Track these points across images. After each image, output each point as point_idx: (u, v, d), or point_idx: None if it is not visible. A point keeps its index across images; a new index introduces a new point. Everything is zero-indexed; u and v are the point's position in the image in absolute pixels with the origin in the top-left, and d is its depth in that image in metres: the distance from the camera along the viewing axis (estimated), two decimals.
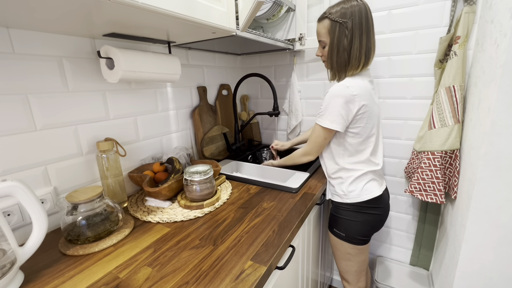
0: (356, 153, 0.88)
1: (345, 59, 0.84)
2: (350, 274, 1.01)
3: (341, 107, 0.81)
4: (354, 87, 0.81)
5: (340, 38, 0.82)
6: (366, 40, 0.82)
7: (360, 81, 0.84)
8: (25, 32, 0.66)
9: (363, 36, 0.81)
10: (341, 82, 0.83)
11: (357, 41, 0.81)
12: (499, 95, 0.65)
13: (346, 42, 0.82)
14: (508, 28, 0.63)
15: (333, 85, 0.84)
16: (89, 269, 0.58)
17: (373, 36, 0.84)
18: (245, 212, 0.81)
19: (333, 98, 0.81)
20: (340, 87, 0.81)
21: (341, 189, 0.92)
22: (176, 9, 0.60)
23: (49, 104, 0.72)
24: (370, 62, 0.86)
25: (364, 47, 0.82)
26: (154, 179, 0.92)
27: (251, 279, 0.53)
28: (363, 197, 0.89)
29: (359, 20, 0.79)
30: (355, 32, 0.80)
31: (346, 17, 0.80)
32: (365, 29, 0.81)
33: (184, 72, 1.15)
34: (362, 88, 0.82)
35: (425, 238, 1.25)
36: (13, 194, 0.52)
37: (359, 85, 0.82)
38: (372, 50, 0.85)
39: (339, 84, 0.82)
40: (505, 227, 0.72)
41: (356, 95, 0.80)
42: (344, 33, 0.81)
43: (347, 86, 0.80)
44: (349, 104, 0.80)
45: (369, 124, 0.85)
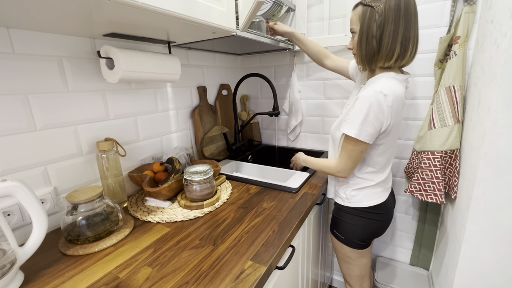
0: (372, 164, 0.83)
1: (374, 47, 0.73)
2: (352, 278, 1.00)
3: (376, 119, 0.72)
4: (391, 96, 0.71)
5: (370, 23, 0.72)
6: (404, 28, 0.70)
7: (397, 85, 0.74)
8: (25, 32, 0.66)
9: (400, 22, 0.70)
10: (375, 87, 0.72)
11: (390, 26, 0.70)
12: (499, 95, 0.65)
13: (375, 27, 0.71)
14: (508, 28, 0.63)
15: (368, 90, 0.72)
16: (89, 269, 0.58)
17: (414, 26, 0.72)
18: (245, 212, 0.81)
19: (370, 106, 0.71)
20: (377, 95, 0.70)
21: (345, 192, 0.90)
22: (176, 9, 0.60)
23: (49, 104, 0.72)
24: (408, 57, 0.74)
25: (400, 35, 0.71)
26: (154, 179, 0.92)
27: (251, 279, 0.53)
28: (365, 203, 0.86)
29: (395, 4, 0.69)
30: (388, 16, 0.70)
31: (379, 1, 0.70)
32: (403, 14, 0.69)
33: (184, 72, 1.15)
34: (399, 98, 0.73)
35: (425, 238, 1.25)
36: (13, 194, 0.52)
37: (396, 93, 0.72)
38: (412, 42, 0.72)
39: (376, 89, 0.71)
40: (505, 227, 0.72)
41: (391, 106, 0.71)
42: (375, 17, 0.71)
43: (385, 94, 0.70)
44: (383, 115, 0.72)
45: (392, 139, 0.80)
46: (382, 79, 0.74)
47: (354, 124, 0.74)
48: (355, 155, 0.78)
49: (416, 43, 0.74)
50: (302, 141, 1.51)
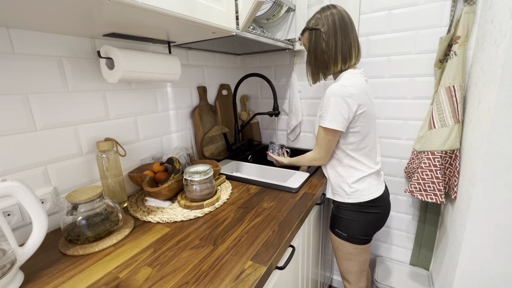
0: (357, 152, 0.89)
1: (324, 60, 0.89)
2: (351, 274, 1.01)
3: (341, 106, 0.82)
4: (351, 86, 0.82)
5: (317, 43, 0.88)
6: (342, 38, 0.85)
7: (357, 79, 0.85)
8: (25, 32, 0.66)
9: (338, 35, 0.85)
10: (338, 81, 0.85)
11: (332, 41, 0.85)
12: (499, 95, 0.65)
13: (324, 45, 0.87)
14: (508, 28, 0.63)
15: (331, 86, 0.85)
16: (89, 269, 0.58)
17: (352, 34, 0.87)
18: (245, 212, 0.81)
19: (332, 97, 0.82)
20: (338, 87, 0.82)
21: (343, 189, 0.92)
22: (176, 9, 0.60)
23: (49, 104, 0.72)
24: (354, 58, 0.89)
25: (340, 45, 0.86)
26: (154, 179, 0.92)
27: (251, 279, 0.53)
28: (365, 197, 0.89)
29: (332, 22, 0.85)
30: (330, 33, 0.85)
31: (321, 23, 0.86)
32: (339, 28, 0.85)
33: (184, 72, 1.15)
34: (359, 87, 0.84)
35: (425, 238, 1.25)
36: (13, 194, 0.52)
37: (356, 83, 0.83)
38: (353, 47, 0.87)
39: (336, 84, 0.84)
40: (505, 227, 0.72)
41: (354, 94, 0.81)
42: (321, 37, 0.86)
43: (345, 85, 0.82)
44: (348, 103, 0.81)
45: (368, 122, 0.87)
46: (342, 77, 0.88)
47: (325, 116, 0.85)
48: (327, 144, 0.89)
49: (357, 46, 0.89)
50: (302, 141, 1.51)
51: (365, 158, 0.90)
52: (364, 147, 0.89)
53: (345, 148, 0.89)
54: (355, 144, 0.88)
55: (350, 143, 0.88)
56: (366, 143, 0.89)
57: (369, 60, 1.21)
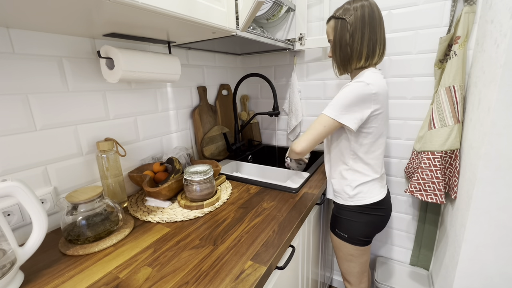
0: (368, 154, 0.87)
1: (347, 53, 0.85)
2: (352, 275, 1.01)
3: (357, 105, 0.78)
4: (374, 85, 0.78)
5: (342, 33, 0.83)
6: (370, 33, 0.81)
7: (380, 79, 0.82)
8: (25, 32, 0.66)
9: (365, 29, 0.81)
10: (361, 78, 0.80)
11: (358, 33, 0.81)
12: (499, 95, 0.65)
13: (348, 37, 0.82)
14: (508, 28, 0.63)
15: (352, 82, 0.81)
16: (89, 269, 0.58)
17: (380, 31, 0.82)
18: (245, 212, 0.81)
19: (352, 93, 0.78)
20: (360, 85, 0.78)
21: (345, 192, 0.91)
22: (176, 9, 0.60)
23: (49, 104, 0.72)
24: (377, 57, 0.85)
25: (367, 40, 0.81)
26: (154, 179, 0.92)
27: (251, 279, 0.53)
28: (368, 200, 0.89)
29: (361, 13, 0.80)
30: (357, 25, 0.81)
31: (348, 13, 0.81)
32: (368, 22, 0.80)
33: (184, 72, 1.15)
34: (382, 86, 0.81)
35: (425, 238, 1.25)
36: (13, 194, 0.52)
37: (378, 83, 0.80)
38: (379, 45, 0.83)
39: (360, 80, 0.79)
40: (505, 227, 0.72)
41: (375, 93, 0.78)
42: (346, 28, 0.82)
43: (368, 83, 0.78)
44: (366, 103, 0.79)
45: (382, 124, 0.84)
46: (364, 74, 0.83)
47: (332, 104, 0.81)
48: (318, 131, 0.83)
49: (384, 43, 0.85)
50: None
51: (374, 161, 0.87)
52: (375, 149, 0.87)
53: (357, 150, 0.86)
54: (367, 146, 0.85)
55: (363, 145, 0.85)
56: (378, 145, 0.86)
57: None
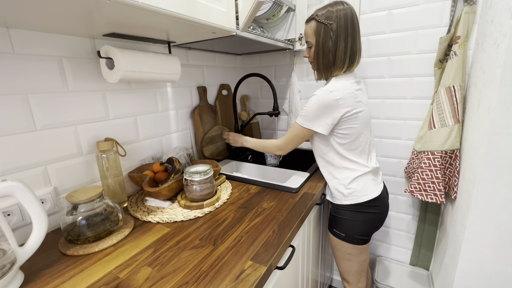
0: (349, 152, 0.89)
1: (330, 60, 0.86)
2: (351, 274, 1.01)
3: (324, 112, 0.83)
4: (337, 90, 0.81)
5: (325, 39, 0.84)
6: (352, 43, 0.83)
7: (345, 83, 0.85)
8: (25, 32, 0.66)
9: (348, 38, 0.83)
10: (325, 86, 0.84)
11: (342, 43, 0.83)
12: (499, 95, 0.65)
13: (331, 44, 0.84)
14: (508, 28, 0.63)
15: (319, 89, 0.85)
16: (89, 269, 0.58)
17: (359, 39, 0.86)
18: (245, 212, 0.81)
19: (317, 102, 0.83)
20: (324, 93, 0.82)
21: (340, 191, 0.92)
22: (176, 9, 0.60)
23: (49, 104, 0.72)
24: (356, 64, 0.88)
25: (349, 49, 0.84)
26: (154, 179, 0.92)
27: (251, 279, 0.53)
28: (363, 198, 0.89)
29: (344, 22, 0.82)
30: (340, 34, 0.82)
31: (331, 19, 0.82)
32: (350, 31, 0.82)
33: (184, 72, 1.15)
34: (346, 90, 0.83)
35: (425, 238, 1.25)
36: (13, 194, 0.52)
37: (343, 87, 0.83)
38: (358, 53, 0.87)
39: (323, 89, 0.83)
40: (505, 227, 0.72)
41: (340, 99, 0.81)
42: (329, 34, 0.83)
43: (331, 90, 0.81)
44: (332, 109, 0.82)
45: (358, 124, 0.86)
46: (331, 81, 0.87)
47: (305, 115, 0.87)
48: (296, 138, 0.92)
49: (360, 52, 0.88)
50: None
51: (357, 157, 0.90)
52: (355, 148, 0.89)
53: (338, 149, 0.89)
54: (346, 145, 0.88)
55: (341, 144, 0.88)
56: (357, 144, 0.89)
57: (369, 60, 1.21)
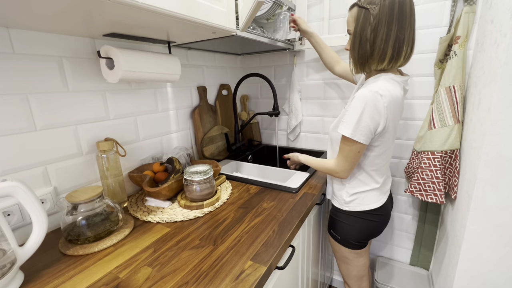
0: (370, 166, 0.83)
1: (367, 50, 0.73)
2: (351, 278, 1.00)
3: (371, 119, 0.71)
4: (387, 96, 0.70)
5: (364, 26, 0.72)
6: (397, 30, 0.69)
7: (393, 90, 0.72)
8: (25, 32, 0.66)
9: (392, 24, 0.69)
10: (374, 86, 0.71)
11: (383, 29, 0.70)
12: (499, 95, 0.65)
13: (369, 31, 0.71)
14: (508, 28, 0.63)
15: (363, 90, 0.72)
16: (89, 269, 0.58)
17: (410, 29, 0.71)
18: (245, 212, 0.81)
19: (365, 106, 0.70)
20: (373, 95, 0.69)
21: (342, 197, 0.89)
22: (176, 9, 0.60)
23: (49, 104, 0.72)
24: (403, 60, 0.74)
25: (392, 37, 0.70)
26: (154, 179, 0.92)
27: (251, 279, 0.53)
28: (363, 207, 0.86)
29: (389, 6, 0.68)
30: (382, 19, 0.69)
31: (374, 3, 0.70)
32: (396, 16, 0.69)
33: (184, 72, 1.15)
34: (395, 99, 0.72)
35: (425, 238, 1.25)
36: (13, 194, 0.52)
37: (392, 95, 0.71)
38: (406, 44, 0.72)
39: (372, 90, 0.70)
40: (505, 227, 0.72)
41: (387, 107, 0.70)
42: (369, 20, 0.71)
43: (381, 94, 0.69)
44: (379, 116, 0.71)
45: (389, 139, 0.79)
46: (380, 80, 0.74)
47: (349, 123, 0.73)
48: (352, 156, 0.77)
49: (412, 44, 0.74)
50: (302, 141, 1.51)
51: (375, 172, 0.84)
52: (380, 161, 0.82)
53: (360, 160, 0.82)
54: (372, 158, 0.81)
55: (367, 157, 0.81)
56: (383, 158, 0.82)
57: None
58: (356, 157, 0.78)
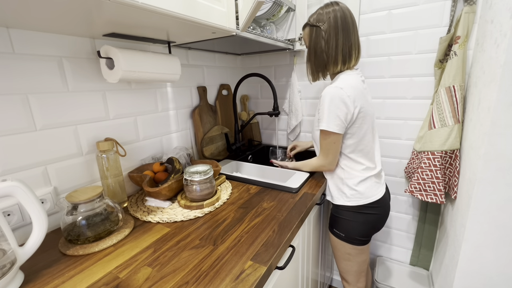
0: (355, 153, 0.89)
1: (324, 59, 0.88)
2: (350, 274, 1.01)
3: (338, 109, 0.81)
4: (347, 88, 0.81)
5: (317, 41, 0.86)
6: (344, 38, 0.84)
7: (352, 81, 0.84)
8: (25, 32, 0.66)
9: (339, 35, 0.83)
10: (334, 83, 0.84)
11: (332, 39, 0.84)
12: (499, 95, 0.65)
13: (323, 43, 0.85)
14: (508, 28, 0.63)
15: (327, 88, 0.84)
16: (89, 269, 0.58)
17: (354, 35, 0.85)
18: (245, 212, 0.81)
19: (329, 101, 0.82)
20: (334, 90, 0.81)
21: (343, 191, 0.92)
22: (176, 9, 0.60)
23: (49, 104, 0.72)
24: (353, 61, 0.88)
25: (341, 45, 0.84)
26: (154, 179, 0.92)
27: (251, 279, 0.53)
28: (365, 200, 0.89)
29: (334, 21, 0.83)
30: (330, 32, 0.84)
31: (322, 21, 0.84)
32: (341, 28, 0.83)
33: (184, 72, 1.15)
34: (355, 88, 0.83)
35: (425, 238, 1.25)
36: (13, 194, 0.52)
37: (352, 85, 0.83)
38: (354, 49, 0.86)
39: (332, 86, 0.83)
40: (505, 227, 0.72)
41: (350, 96, 0.81)
42: (321, 35, 0.85)
43: (341, 87, 0.81)
44: (346, 106, 0.81)
45: (364, 124, 0.86)
46: (339, 78, 0.87)
47: (322, 118, 0.84)
48: (331, 147, 0.87)
49: (358, 47, 0.88)
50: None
51: (363, 159, 0.89)
52: (362, 148, 0.89)
53: (343, 150, 0.89)
54: (353, 146, 0.88)
55: (348, 145, 0.88)
56: (364, 145, 0.88)
57: (369, 60, 1.21)
58: (335, 148, 0.87)
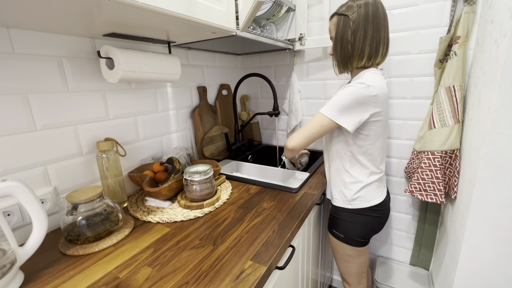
0: (366, 156, 0.86)
1: (349, 51, 0.83)
2: (351, 276, 1.01)
3: (356, 107, 0.77)
4: (375, 87, 0.76)
5: (344, 30, 0.82)
6: (373, 31, 0.79)
7: (381, 80, 0.80)
8: (25, 32, 0.66)
9: (368, 27, 0.78)
10: (362, 79, 0.78)
11: (360, 31, 0.79)
12: (499, 95, 0.65)
13: (349, 34, 0.81)
14: (508, 28, 0.63)
15: (351, 84, 0.79)
16: (89, 269, 0.58)
17: (384, 30, 0.80)
18: (245, 212, 0.81)
19: (351, 95, 0.77)
20: (361, 86, 0.76)
21: (344, 194, 0.90)
22: (176, 9, 0.60)
23: (49, 104, 0.72)
24: (380, 58, 0.84)
25: (369, 38, 0.79)
26: (154, 179, 0.92)
27: (251, 279, 0.53)
28: (366, 204, 0.88)
29: (365, 12, 0.78)
30: (360, 23, 0.79)
31: (351, 10, 0.80)
32: (371, 20, 0.78)
33: (184, 72, 1.15)
34: (382, 88, 0.79)
35: (425, 238, 1.25)
36: (13, 194, 0.52)
37: (379, 85, 0.78)
38: (382, 44, 0.81)
39: (360, 82, 0.77)
40: (505, 227, 0.72)
41: (375, 96, 0.77)
42: (348, 25, 0.80)
43: (368, 85, 0.76)
44: (366, 106, 0.77)
45: (381, 127, 0.83)
46: (364, 75, 0.81)
47: (330, 103, 0.80)
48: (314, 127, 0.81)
49: (387, 44, 0.83)
50: None
51: (371, 163, 0.87)
52: (374, 151, 0.86)
53: (354, 151, 0.86)
54: (365, 148, 0.85)
55: (361, 146, 0.84)
56: (376, 147, 0.85)
57: None
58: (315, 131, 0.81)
